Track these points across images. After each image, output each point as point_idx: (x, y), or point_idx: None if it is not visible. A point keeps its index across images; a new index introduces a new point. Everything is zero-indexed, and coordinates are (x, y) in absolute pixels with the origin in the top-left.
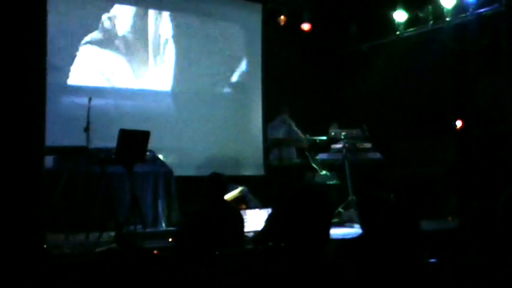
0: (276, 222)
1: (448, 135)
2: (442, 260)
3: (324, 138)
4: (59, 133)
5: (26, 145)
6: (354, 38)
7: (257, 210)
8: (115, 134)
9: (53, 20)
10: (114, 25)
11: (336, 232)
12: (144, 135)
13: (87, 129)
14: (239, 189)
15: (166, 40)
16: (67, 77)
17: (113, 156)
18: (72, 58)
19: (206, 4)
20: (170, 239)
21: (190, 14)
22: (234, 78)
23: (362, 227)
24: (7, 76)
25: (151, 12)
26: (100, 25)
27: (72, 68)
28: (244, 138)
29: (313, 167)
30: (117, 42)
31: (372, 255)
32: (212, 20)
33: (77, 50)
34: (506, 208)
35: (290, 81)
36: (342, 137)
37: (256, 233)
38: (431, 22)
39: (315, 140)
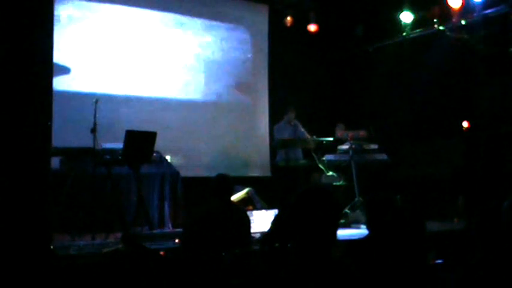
0: (283, 223)
1: (454, 137)
2: (448, 260)
3: (331, 139)
4: (65, 134)
5: (33, 146)
6: (361, 39)
7: (263, 211)
8: (122, 135)
9: (60, 23)
10: (121, 29)
11: (342, 233)
12: (151, 136)
13: (93, 131)
14: (245, 190)
15: (173, 42)
16: (74, 78)
17: (120, 157)
18: (79, 61)
19: (212, 6)
20: (176, 240)
21: (196, 17)
22: (241, 79)
23: (369, 228)
24: (14, 78)
25: (158, 15)
26: (107, 29)
27: (80, 70)
28: (250, 139)
29: (319, 168)
30: (123, 45)
31: (379, 256)
32: (218, 22)
33: (84, 52)
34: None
35: (296, 82)
36: (348, 138)
37: (263, 234)
38: (437, 23)
39: (322, 141)
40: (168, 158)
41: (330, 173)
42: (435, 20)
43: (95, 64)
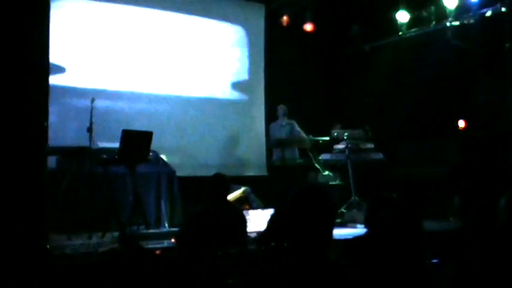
0: (279, 223)
1: (450, 136)
2: (444, 260)
3: (327, 138)
4: (62, 134)
5: (29, 145)
6: (357, 38)
7: (260, 210)
8: (118, 134)
9: (56, 21)
10: (117, 26)
11: (338, 232)
12: (147, 136)
13: (90, 130)
14: (242, 189)
15: (169, 41)
16: (70, 78)
17: (116, 157)
18: (75, 59)
19: (209, 5)
20: (173, 240)
21: (193, 15)
22: (237, 78)
23: (367, 226)
24: (10, 77)
25: (154, 13)
26: (103, 26)
27: (76, 69)
28: (247, 139)
29: (315, 167)
30: (119, 43)
31: (376, 255)
32: (215, 21)
33: (80, 51)
34: (508, 209)
35: (293, 81)
36: (345, 138)
37: (259, 233)
38: (433, 22)
39: (318, 140)
40: (164, 157)
41: (326, 172)
42: (431, 20)
43: (92, 62)
